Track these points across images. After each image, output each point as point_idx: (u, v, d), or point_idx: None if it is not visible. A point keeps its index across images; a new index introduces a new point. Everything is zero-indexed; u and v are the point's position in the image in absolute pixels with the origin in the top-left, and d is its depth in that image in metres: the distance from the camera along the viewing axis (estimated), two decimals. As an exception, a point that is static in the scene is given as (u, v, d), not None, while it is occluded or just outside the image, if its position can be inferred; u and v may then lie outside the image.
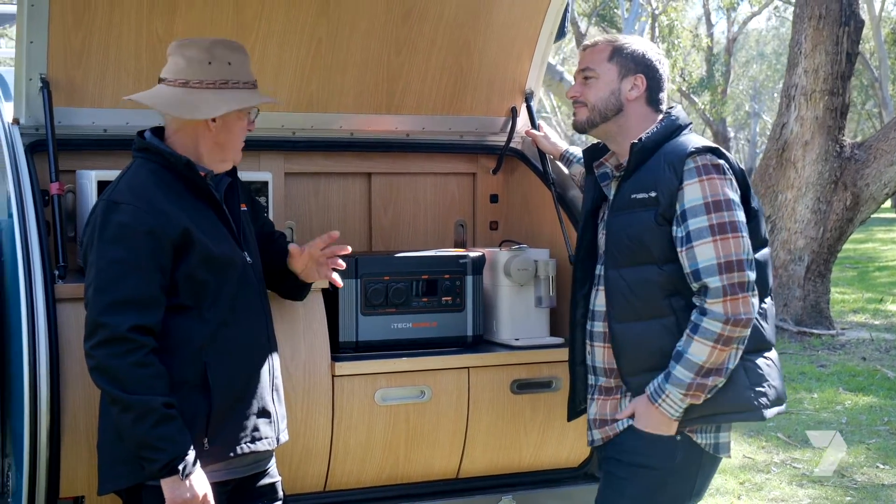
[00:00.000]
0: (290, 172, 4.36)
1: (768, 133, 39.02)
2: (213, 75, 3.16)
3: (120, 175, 3.21)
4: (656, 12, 23.94)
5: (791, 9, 32.80)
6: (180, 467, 2.98)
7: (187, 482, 3.00)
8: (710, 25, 30.31)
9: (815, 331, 11.58)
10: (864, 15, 11.73)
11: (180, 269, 3.09)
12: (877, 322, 13.08)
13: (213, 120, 3.18)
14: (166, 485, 3.01)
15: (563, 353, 3.99)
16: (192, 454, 3.01)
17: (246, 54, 3.27)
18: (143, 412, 2.96)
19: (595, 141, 3.66)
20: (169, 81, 3.20)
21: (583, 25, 23.75)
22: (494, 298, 4.15)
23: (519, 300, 4.13)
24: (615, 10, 25.16)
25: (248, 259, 3.29)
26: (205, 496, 3.03)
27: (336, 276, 3.48)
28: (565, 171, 4.31)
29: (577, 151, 4.26)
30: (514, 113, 4.52)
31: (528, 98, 4.51)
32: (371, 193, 4.56)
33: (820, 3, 11.52)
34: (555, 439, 4.07)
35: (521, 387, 3.99)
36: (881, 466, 6.96)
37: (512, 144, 4.55)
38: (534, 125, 4.46)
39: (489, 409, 3.94)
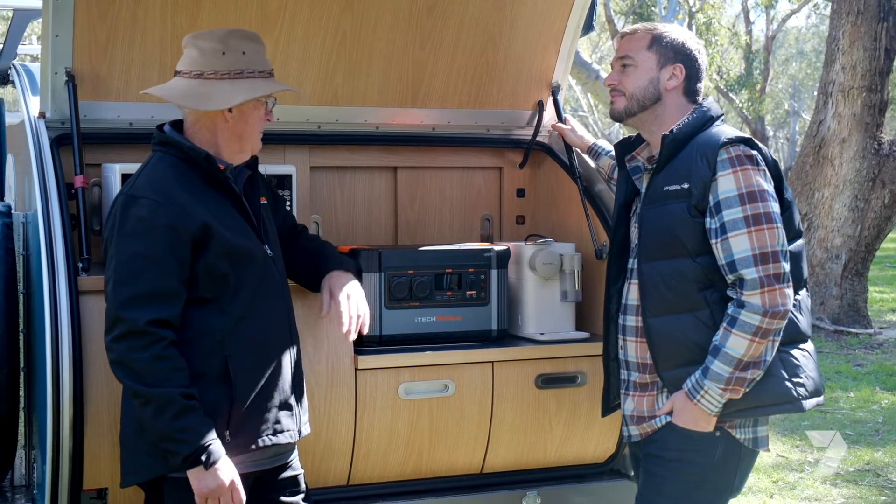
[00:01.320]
0: (315, 166, 4.35)
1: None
2: (227, 65, 3.16)
3: (139, 169, 3.22)
4: (693, 10, 23.79)
5: (831, 6, 32.51)
6: (203, 457, 2.98)
7: (213, 471, 3.00)
8: (748, 23, 30.06)
9: (852, 330, 11.45)
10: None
11: (200, 262, 3.09)
12: (916, 322, 12.94)
13: (230, 111, 3.17)
14: (192, 476, 3.01)
15: (589, 348, 3.99)
16: (215, 443, 3.00)
17: (261, 43, 3.25)
18: (162, 404, 2.96)
19: (627, 135, 3.63)
20: (184, 74, 3.20)
21: (619, 23, 23.66)
22: (519, 292, 4.12)
23: (544, 294, 4.09)
24: (652, 8, 25.02)
25: (269, 252, 3.28)
26: (232, 482, 3.03)
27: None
28: (592, 164, 4.28)
29: (606, 145, 4.23)
30: (540, 106, 4.49)
31: (554, 91, 4.48)
32: (397, 187, 4.54)
33: (858, -1, 11.40)
34: (580, 434, 4.03)
35: (546, 381, 3.96)
36: (919, 466, 6.88)
37: (538, 138, 4.52)
38: (560, 118, 4.43)
39: (513, 403, 3.92)
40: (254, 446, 3.17)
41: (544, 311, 4.10)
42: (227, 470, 3.03)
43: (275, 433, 3.21)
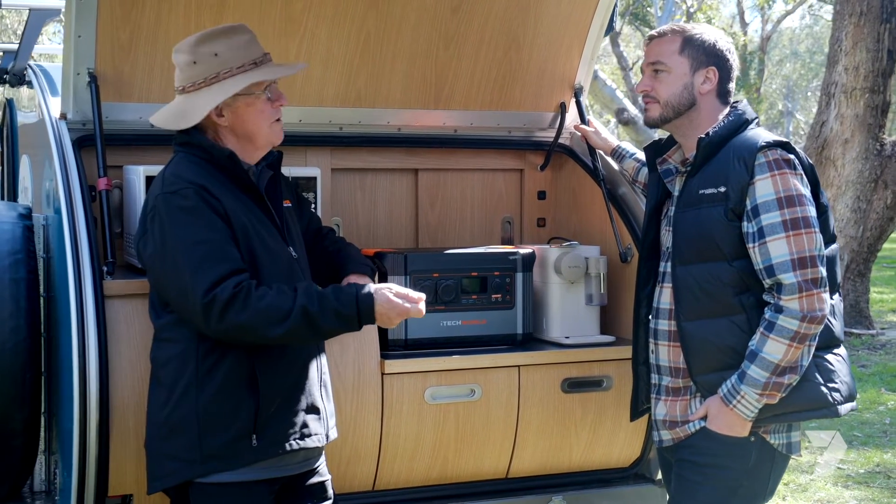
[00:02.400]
0: (336, 168, 4.32)
1: (801, 132, 38.75)
2: (200, 74, 3.11)
3: (163, 170, 3.17)
4: (691, 10, 23.79)
5: (826, 6, 32.59)
6: (368, 308, 3.01)
7: (383, 307, 3.03)
8: (744, 24, 30.10)
9: (854, 330, 11.45)
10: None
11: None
12: (917, 322, 12.95)
13: (222, 115, 3.14)
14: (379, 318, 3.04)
15: (615, 352, 3.97)
16: (363, 292, 3.02)
17: (242, 33, 3.17)
18: (305, 313, 2.96)
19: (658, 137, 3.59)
20: (177, 91, 3.19)
21: (616, 24, 23.65)
22: (544, 296, 4.09)
23: (569, 298, 4.06)
24: (648, 9, 25.03)
25: (294, 254, 3.25)
26: (399, 300, 3.04)
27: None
28: (615, 167, 4.25)
29: (630, 147, 4.20)
30: (562, 108, 4.46)
31: (577, 93, 4.45)
32: (418, 189, 4.51)
33: (861, 0, 11.38)
34: (605, 439, 4.01)
35: (572, 386, 3.93)
36: (928, 468, 6.87)
37: (560, 140, 4.49)
38: (583, 120, 4.40)
39: (540, 408, 3.89)
40: (281, 450, 3.13)
41: (569, 315, 4.07)
42: (386, 300, 3.03)
43: (302, 437, 3.17)
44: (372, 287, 3.07)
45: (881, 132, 11.61)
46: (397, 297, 3.05)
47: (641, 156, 4.05)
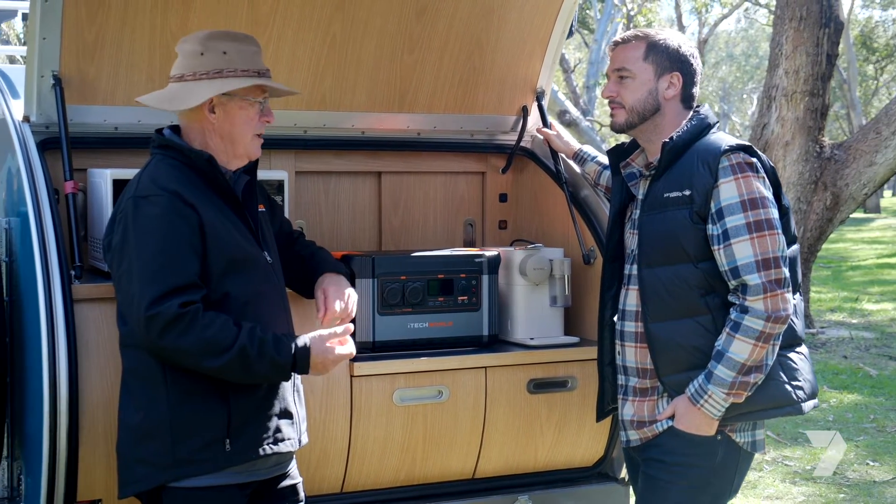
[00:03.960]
0: (300, 171, 4.32)
1: (737, 134, 39.19)
2: (205, 66, 3.12)
3: (139, 173, 3.16)
4: (632, 13, 23.99)
5: (761, 10, 33.04)
6: (302, 360, 3.06)
7: (317, 361, 3.08)
8: (681, 27, 30.42)
9: (796, 330, 11.61)
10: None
11: (206, 261, 3.06)
12: (854, 321, 13.17)
13: (213, 111, 3.14)
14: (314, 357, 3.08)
15: (579, 353, 4.01)
16: (298, 342, 3.07)
17: (252, 44, 3.20)
18: (243, 354, 2.96)
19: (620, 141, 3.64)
20: (172, 79, 3.18)
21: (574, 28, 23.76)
22: (509, 298, 4.12)
23: (534, 300, 4.10)
24: (587, 11, 25.19)
25: (269, 259, 3.25)
26: (333, 356, 3.11)
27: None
28: (578, 169, 4.29)
29: (591, 150, 4.24)
30: (524, 112, 4.50)
31: (539, 97, 4.48)
32: (381, 192, 4.52)
33: (801, 5, 11.56)
34: (570, 439, 4.05)
35: (538, 386, 3.97)
36: (871, 463, 7.01)
37: (522, 143, 4.53)
38: (545, 123, 4.44)
39: (506, 408, 3.92)
40: (255, 455, 3.13)
41: (534, 316, 4.11)
42: (321, 350, 3.09)
43: (276, 442, 3.17)
44: (307, 339, 3.10)
45: (820, 134, 11.81)
46: (328, 341, 3.11)
47: (603, 159, 4.10)
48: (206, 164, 3.12)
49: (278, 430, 3.18)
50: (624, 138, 3.65)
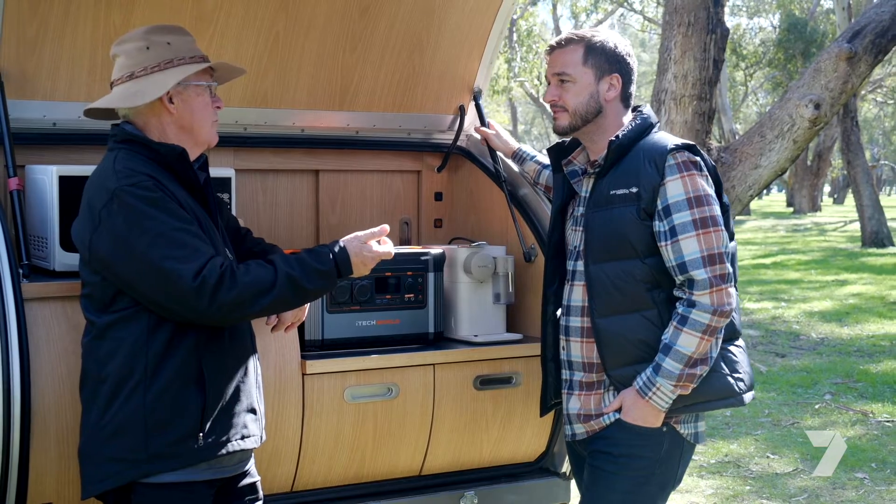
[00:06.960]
0: (239, 169, 4.27)
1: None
2: (154, 58, 3.09)
3: (107, 165, 3.05)
4: (514, 17, 24.26)
5: (635, 17, 33.71)
6: (343, 262, 3.16)
7: (357, 261, 3.19)
8: (558, 32, 30.93)
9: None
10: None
11: None
12: (738, 319, 13.56)
13: (172, 101, 3.10)
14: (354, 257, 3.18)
15: (522, 349, 4.06)
16: (337, 248, 3.16)
17: (186, 34, 3.19)
18: (290, 279, 3.02)
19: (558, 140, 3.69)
20: (117, 82, 3.12)
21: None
22: (453, 295, 4.16)
23: (477, 297, 4.14)
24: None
25: (230, 255, 3.23)
26: (371, 253, 3.22)
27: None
28: (516, 168, 4.34)
29: (530, 150, 4.29)
30: (461, 111, 4.54)
31: (476, 96, 4.53)
32: (319, 191, 4.51)
33: (689, 11, 11.84)
34: (514, 434, 4.10)
35: (484, 383, 4.01)
36: (771, 456, 7.23)
37: (458, 143, 4.56)
38: (483, 123, 4.48)
39: (454, 405, 3.95)
40: (224, 451, 3.09)
41: (478, 314, 4.15)
42: (358, 249, 3.20)
43: (242, 438, 3.15)
44: (340, 241, 3.18)
45: (708, 137, 12.10)
46: (365, 240, 3.21)
47: (542, 158, 4.16)
48: (177, 158, 3.07)
49: (245, 426, 3.16)
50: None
